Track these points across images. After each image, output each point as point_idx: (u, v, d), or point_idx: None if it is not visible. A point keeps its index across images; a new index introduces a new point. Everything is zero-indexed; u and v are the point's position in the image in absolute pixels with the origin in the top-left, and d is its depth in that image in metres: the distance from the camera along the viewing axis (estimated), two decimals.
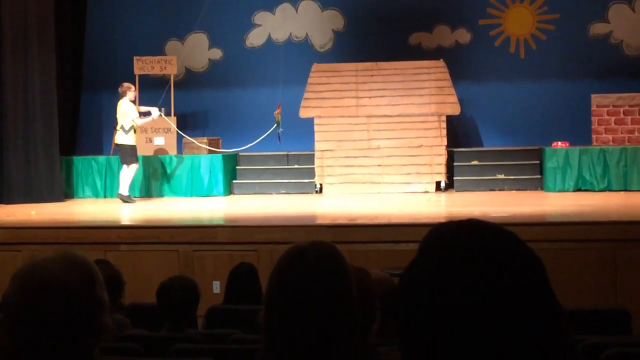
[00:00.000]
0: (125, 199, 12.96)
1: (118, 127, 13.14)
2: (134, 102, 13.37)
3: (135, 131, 13.18)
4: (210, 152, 14.27)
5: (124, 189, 13.08)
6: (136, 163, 13.21)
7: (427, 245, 1.42)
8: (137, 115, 13.23)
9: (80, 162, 14.40)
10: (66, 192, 14.00)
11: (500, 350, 1.33)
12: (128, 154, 13.09)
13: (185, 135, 14.32)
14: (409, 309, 1.38)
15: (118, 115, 13.18)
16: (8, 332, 2.16)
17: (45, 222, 10.46)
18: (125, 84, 13.33)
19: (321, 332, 2.13)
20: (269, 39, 16.04)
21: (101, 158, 14.46)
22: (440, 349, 1.34)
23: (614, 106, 13.87)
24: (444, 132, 13.84)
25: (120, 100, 13.22)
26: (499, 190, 13.65)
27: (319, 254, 2.19)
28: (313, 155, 14.14)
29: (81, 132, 15.76)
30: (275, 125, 13.98)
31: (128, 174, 13.14)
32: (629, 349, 4.25)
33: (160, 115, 13.63)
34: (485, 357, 1.33)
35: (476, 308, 1.33)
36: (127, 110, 13.07)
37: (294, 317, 2.13)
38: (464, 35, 15.61)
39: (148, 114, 13.50)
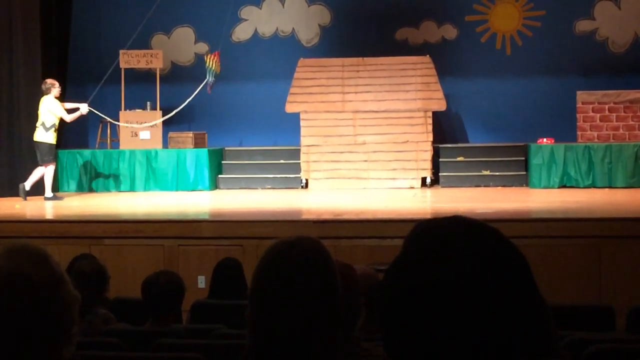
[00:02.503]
0: (52, 199, 12.56)
1: (38, 124, 12.62)
2: (58, 98, 12.82)
3: (55, 130, 12.70)
4: (196, 146, 14.25)
5: (48, 192, 12.64)
6: (53, 163, 12.75)
7: (412, 241, 1.42)
8: (64, 112, 12.76)
9: (65, 155, 14.34)
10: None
11: (484, 346, 1.33)
12: (46, 152, 12.60)
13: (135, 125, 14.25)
14: (392, 304, 1.38)
15: (40, 112, 12.65)
16: None
17: (29, 216, 10.43)
18: (49, 80, 12.79)
19: (305, 327, 2.13)
20: (255, 33, 16.02)
21: (86, 152, 14.41)
22: (423, 344, 1.35)
23: (599, 103, 13.92)
24: (430, 127, 13.86)
25: (44, 97, 12.68)
26: (485, 186, 13.68)
27: (304, 249, 2.19)
28: (299, 150, 14.13)
29: (66, 126, 15.69)
30: (209, 73, 13.77)
31: (48, 175, 12.64)
32: (612, 345, 4.27)
33: (90, 109, 13.22)
34: (469, 352, 1.33)
35: (460, 304, 1.33)
36: (52, 108, 12.57)
37: (278, 312, 2.13)
38: (450, 31, 15.63)
39: (76, 110, 12.99)
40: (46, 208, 11.65)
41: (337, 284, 2.20)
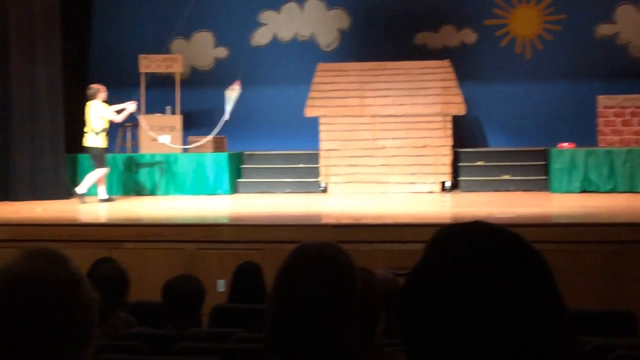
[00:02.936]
0: (107, 200, 12.84)
1: (88, 130, 12.80)
2: (105, 102, 13.03)
3: (107, 133, 12.90)
4: (215, 150, 14.28)
5: (102, 194, 12.90)
6: (105, 167, 12.95)
7: (433, 246, 1.42)
8: (113, 113, 12.93)
9: (85, 159, 14.39)
10: (72, 190, 14.02)
11: (505, 352, 1.33)
12: (99, 156, 12.84)
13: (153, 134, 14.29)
14: (413, 309, 1.38)
15: (88, 118, 12.84)
16: None
17: (51, 220, 10.48)
18: (94, 85, 13.00)
19: (324, 330, 2.13)
20: (275, 38, 16.05)
21: (107, 156, 14.45)
22: (444, 350, 1.34)
23: (620, 107, 13.84)
24: (450, 132, 13.82)
25: (91, 102, 12.86)
26: (505, 191, 13.62)
27: (323, 254, 2.19)
28: (318, 154, 14.14)
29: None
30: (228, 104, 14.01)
31: (94, 175, 12.88)
32: (634, 352, 4.24)
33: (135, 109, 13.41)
34: (489, 357, 1.33)
35: (481, 309, 1.33)
36: (101, 112, 12.76)
37: (296, 317, 2.13)
38: (469, 36, 15.59)
39: (123, 110, 13.22)
40: (66, 212, 11.70)
41: (357, 289, 2.20)
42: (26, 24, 13.50)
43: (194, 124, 15.39)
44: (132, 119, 14.11)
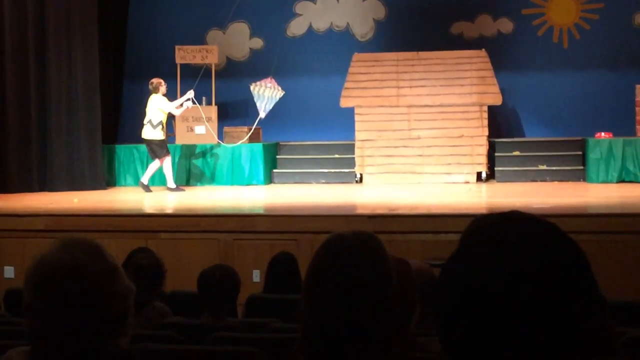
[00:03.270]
0: (175, 190, 13.05)
1: (146, 122, 13.12)
2: (165, 95, 13.34)
3: (163, 126, 13.16)
4: (250, 140, 14.32)
5: (170, 182, 13.20)
6: (168, 156, 13.22)
7: (469, 236, 1.41)
8: (171, 105, 13.23)
9: (122, 150, 14.51)
10: (108, 180, 14.13)
11: (541, 343, 1.32)
12: (159, 148, 13.10)
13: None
14: (449, 300, 1.37)
15: (148, 110, 13.14)
16: (33, 324, 2.12)
17: (87, 210, 10.57)
18: (155, 80, 13.27)
19: (358, 320, 2.12)
20: (310, 28, 16.04)
21: (143, 146, 14.51)
22: (480, 341, 1.33)
23: None
24: (485, 122, 13.75)
25: (153, 95, 13.17)
26: (541, 181, 13.53)
27: (359, 244, 2.19)
28: (353, 144, 14.12)
29: (123, 120, 15.89)
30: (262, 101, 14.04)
31: (167, 168, 13.18)
32: None
33: (192, 99, 13.62)
34: (526, 349, 1.32)
35: (517, 300, 1.32)
36: (161, 105, 13.06)
37: (331, 307, 2.13)
38: (506, 25, 15.48)
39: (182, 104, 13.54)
40: (103, 202, 11.79)
41: (391, 279, 2.19)
42: (63, 16, 13.60)
43: (229, 115, 15.43)
44: None
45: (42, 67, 13.47)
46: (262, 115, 14.22)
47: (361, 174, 14.04)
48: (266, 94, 14.19)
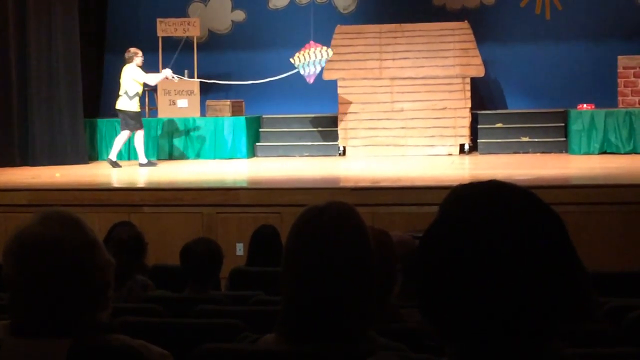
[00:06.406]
0: (146, 165, 12.85)
1: (121, 93, 12.85)
2: (141, 67, 13.06)
3: (139, 97, 12.97)
4: (233, 114, 14.26)
5: (142, 157, 12.90)
6: (141, 129, 12.96)
7: (448, 205, 1.41)
8: (147, 76, 12.98)
9: (104, 124, 14.43)
10: (90, 154, 14.05)
11: (522, 311, 1.32)
12: (132, 119, 12.84)
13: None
14: (428, 269, 1.37)
15: (122, 81, 12.90)
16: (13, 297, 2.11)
17: (70, 184, 10.52)
18: (132, 49, 13.01)
19: (338, 290, 2.12)
20: (292, 1, 15.95)
21: None
22: (460, 310, 1.33)
23: None
24: (468, 94, 13.75)
25: (127, 65, 12.92)
26: (524, 152, 13.56)
27: (334, 214, 2.18)
28: (336, 117, 14.10)
29: (105, 94, 15.78)
30: (303, 67, 13.74)
31: (138, 142, 12.94)
32: None
33: (172, 75, 13.41)
34: (506, 317, 1.32)
35: (496, 268, 1.32)
36: (135, 76, 12.81)
37: (311, 277, 2.13)
38: None
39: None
40: (85, 176, 11.73)
41: (370, 248, 2.19)
42: None
43: (212, 88, 15.35)
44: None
45: (23, 41, 13.34)
46: (310, 81, 13.85)
47: (344, 147, 14.03)
48: (311, 59, 13.85)
